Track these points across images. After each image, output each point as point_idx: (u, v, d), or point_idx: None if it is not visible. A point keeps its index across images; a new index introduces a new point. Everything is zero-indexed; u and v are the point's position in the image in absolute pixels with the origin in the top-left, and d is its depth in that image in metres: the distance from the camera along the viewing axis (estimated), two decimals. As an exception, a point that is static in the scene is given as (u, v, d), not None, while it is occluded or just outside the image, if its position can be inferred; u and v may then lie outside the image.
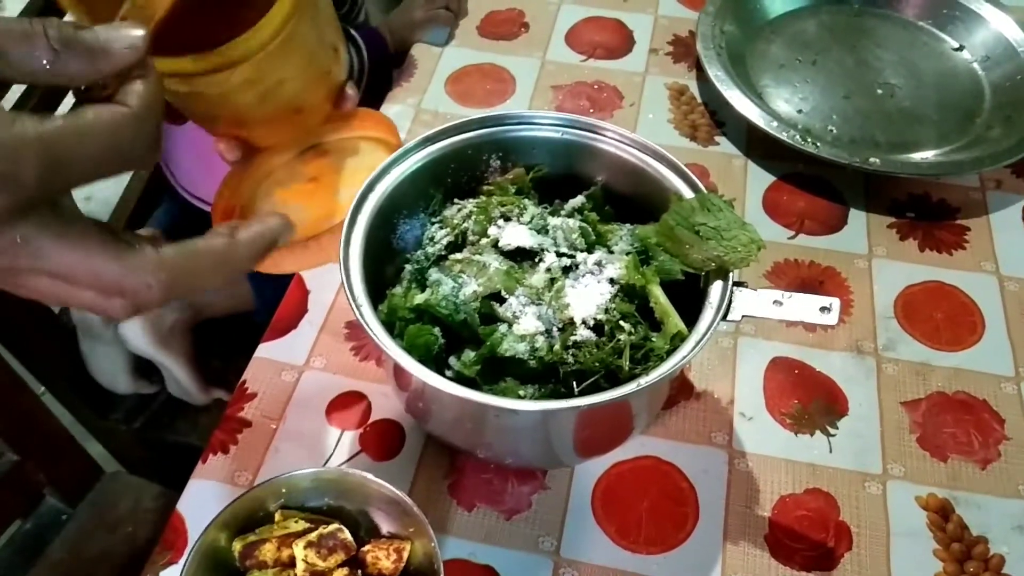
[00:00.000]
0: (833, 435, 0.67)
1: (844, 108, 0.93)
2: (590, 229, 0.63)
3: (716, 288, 0.57)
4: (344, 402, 0.68)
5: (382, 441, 0.66)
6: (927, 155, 0.87)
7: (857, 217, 0.83)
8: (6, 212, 0.28)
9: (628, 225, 0.65)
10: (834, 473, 0.65)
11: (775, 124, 0.85)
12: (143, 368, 1.15)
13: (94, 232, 0.31)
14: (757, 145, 0.89)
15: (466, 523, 0.62)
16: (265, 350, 0.71)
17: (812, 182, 0.86)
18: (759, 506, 0.63)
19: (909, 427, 0.68)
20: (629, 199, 0.66)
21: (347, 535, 0.56)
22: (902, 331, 0.74)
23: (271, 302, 0.76)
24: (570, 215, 0.66)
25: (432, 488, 0.64)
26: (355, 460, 0.65)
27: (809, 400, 0.69)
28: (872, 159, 0.82)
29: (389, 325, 0.59)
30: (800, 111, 0.92)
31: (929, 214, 0.84)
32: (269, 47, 0.44)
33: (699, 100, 0.94)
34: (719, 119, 0.92)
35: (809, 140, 0.84)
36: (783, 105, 0.93)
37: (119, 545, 1.07)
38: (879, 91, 0.95)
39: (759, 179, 0.86)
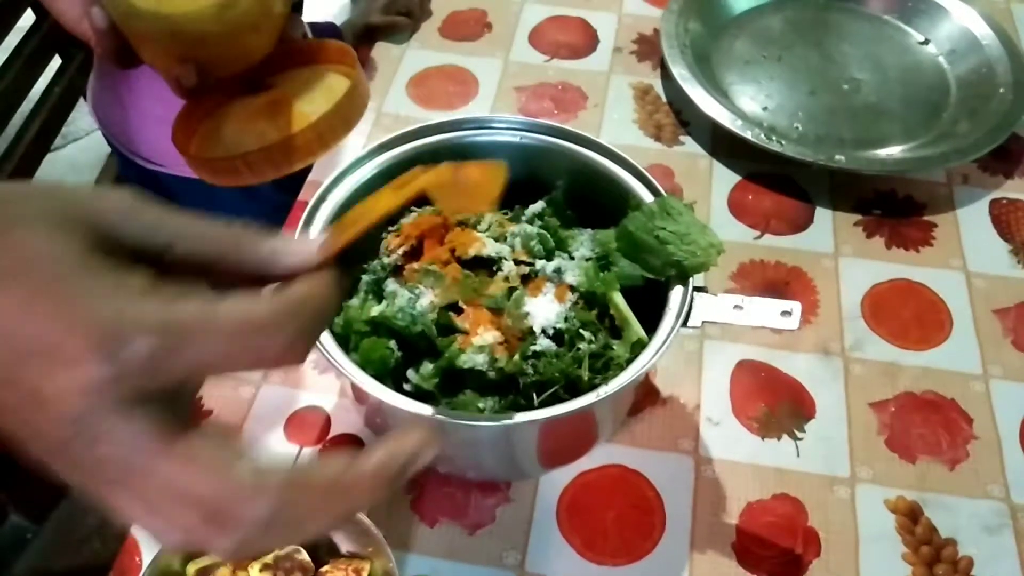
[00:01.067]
0: (800, 439, 0.67)
1: (809, 105, 0.92)
2: (548, 235, 0.61)
3: (676, 294, 0.56)
4: (302, 417, 0.67)
5: (342, 456, 0.64)
6: (893, 151, 0.87)
7: (823, 215, 0.82)
8: (105, 391, 0.24)
9: (589, 230, 0.64)
10: (802, 477, 0.64)
11: (739, 123, 0.84)
12: None
13: (206, 444, 0.27)
14: (722, 144, 0.88)
15: (429, 539, 0.61)
16: (221, 365, 0.69)
17: (778, 181, 0.85)
18: (726, 513, 0.62)
19: (877, 428, 0.67)
20: (591, 203, 0.65)
21: (305, 556, 0.55)
22: (869, 331, 0.73)
23: None
24: (530, 221, 0.65)
25: (394, 504, 0.62)
26: (314, 477, 0.63)
27: (776, 403, 0.68)
28: (838, 156, 0.82)
29: (344, 338, 0.58)
30: (765, 108, 0.91)
31: (896, 211, 0.83)
32: None
33: (664, 99, 0.93)
34: (684, 118, 0.91)
35: (774, 138, 0.83)
36: (748, 103, 0.92)
37: (86, 562, 1.05)
38: (845, 87, 0.94)
39: (724, 179, 0.85)
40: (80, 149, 2.08)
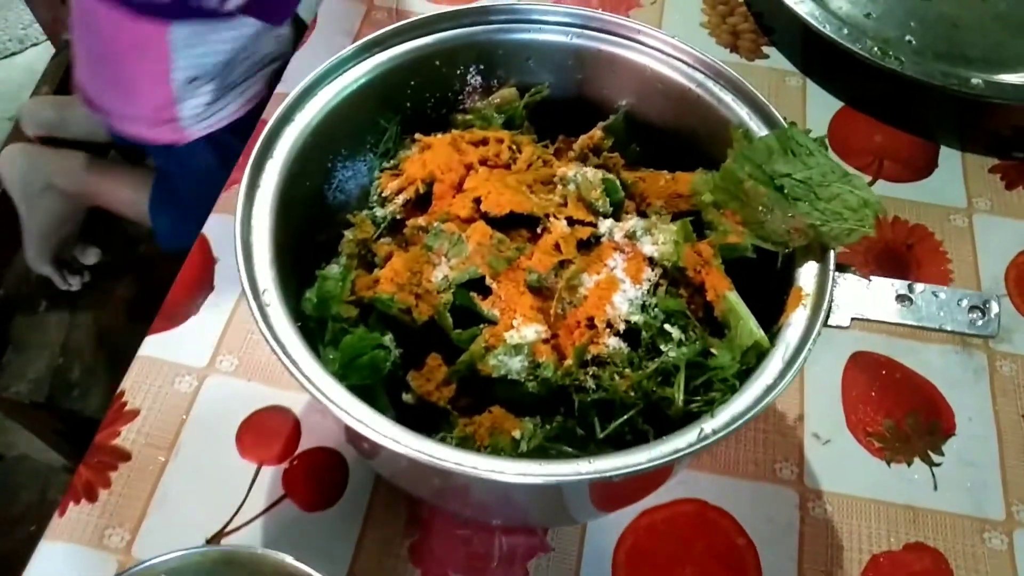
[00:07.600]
0: (938, 464, 0.50)
1: (924, 13, 0.72)
2: (617, 183, 0.43)
3: (808, 274, 0.38)
4: (263, 422, 0.49)
5: (316, 480, 0.47)
6: (1031, 74, 0.67)
7: (950, 158, 0.64)
8: None
9: (666, 173, 0.45)
10: (942, 520, 0.48)
11: (845, 31, 0.64)
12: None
13: None
14: (816, 59, 0.69)
15: (434, 603, 0.44)
16: (152, 346, 0.51)
17: (890, 109, 0.66)
18: (843, 571, 0.46)
19: (1037, 450, 0.50)
20: (667, 134, 0.47)
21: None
22: (1018, 314, 0.56)
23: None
24: (583, 158, 0.46)
25: (386, 551, 0.45)
26: (278, 508, 0.46)
27: (903, 414, 0.51)
28: (974, 80, 0.63)
29: (320, 322, 0.40)
30: (868, 15, 0.71)
31: (1041, 153, 0.65)
32: None
33: (740, -1, 0.73)
34: (767, 23, 0.72)
35: (891, 54, 0.63)
36: (846, 6, 0.72)
37: (21, 547, 0.91)
38: (967, -10, 0.74)
39: (822, 105, 0.66)
40: (38, 55, 1.90)
